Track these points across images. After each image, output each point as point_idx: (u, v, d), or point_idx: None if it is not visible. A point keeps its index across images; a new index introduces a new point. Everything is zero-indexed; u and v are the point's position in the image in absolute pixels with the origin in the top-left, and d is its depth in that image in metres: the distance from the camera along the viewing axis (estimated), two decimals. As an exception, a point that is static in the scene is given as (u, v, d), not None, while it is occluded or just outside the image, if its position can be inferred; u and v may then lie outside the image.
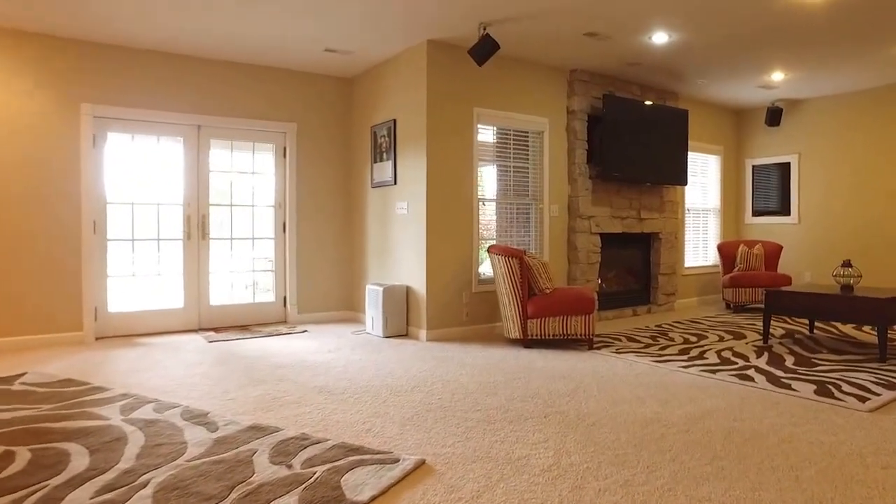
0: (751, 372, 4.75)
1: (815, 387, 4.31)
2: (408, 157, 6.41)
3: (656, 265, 8.22)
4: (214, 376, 4.70)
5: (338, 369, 4.94)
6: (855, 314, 5.33)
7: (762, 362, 5.10)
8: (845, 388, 4.28)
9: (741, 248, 8.52)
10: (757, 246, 8.56)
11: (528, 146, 6.98)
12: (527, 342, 5.73)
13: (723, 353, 5.44)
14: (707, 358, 5.27)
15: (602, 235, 7.54)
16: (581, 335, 5.64)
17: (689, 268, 8.99)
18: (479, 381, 4.56)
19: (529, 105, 6.92)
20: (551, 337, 5.65)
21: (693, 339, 6.16)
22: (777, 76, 7.62)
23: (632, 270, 8.17)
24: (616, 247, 7.89)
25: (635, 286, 8.19)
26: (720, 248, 8.69)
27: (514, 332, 5.72)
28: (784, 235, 9.35)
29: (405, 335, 6.41)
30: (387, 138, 6.75)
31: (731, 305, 8.29)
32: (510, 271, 5.65)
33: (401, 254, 6.55)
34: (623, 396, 4.12)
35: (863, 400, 3.97)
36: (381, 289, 6.26)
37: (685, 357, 5.30)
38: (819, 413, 3.73)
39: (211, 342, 6.09)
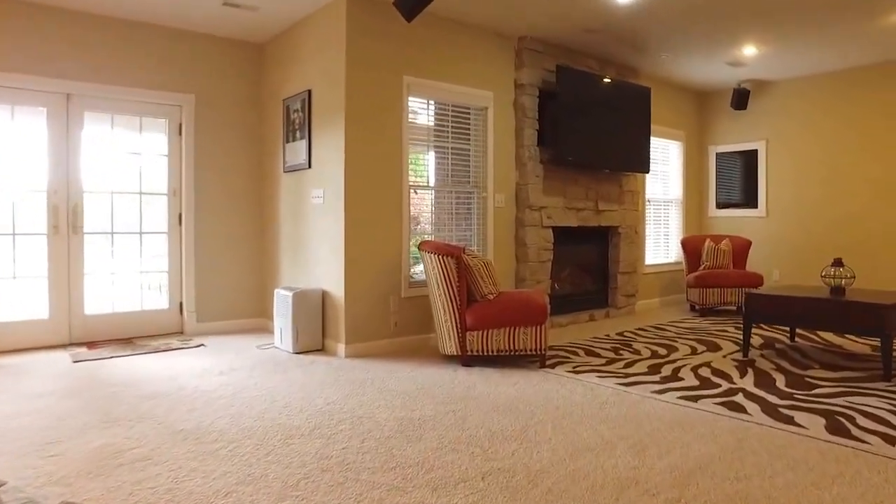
0: (739, 398, 3.87)
1: (823, 420, 3.44)
2: (324, 135, 5.34)
3: (615, 263, 7.36)
4: (55, 414, 3.57)
5: (222, 401, 3.86)
6: (853, 323, 4.52)
7: (749, 383, 4.24)
8: (861, 421, 3.42)
9: (707, 243, 7.73)
10: (724, 241, 7.78)
11: (469, 125, 6.00)
12: (466, 359, 4.75)
13: (700, 371, 4.57)
14: (683, 378, 4.38)
15: (555, 229, 6.62)
16: (531, 350, 4.69)
17: (650, 265, 8.17)
18: (401, 416, 3.55)
19: (471, 76, 5.93)
20: (496, 352, 4.68)
21: (662, 351, 5.29)
22: (749, 50, 6.82)
23: (588, 269, 7.29)
24: (571, 242, 7.00)
25: (592, 287, 7.32)
26: (684, 244, 7.90)
27: (451, 348, 4.73)
28: (750, 230, 8.63)
29: (321, 350, 5.35)
30: (300, 113, 5.67)
31: (697, 308, 7.51)
32: (445, 273, 4.66)
33: (317, 251, 5.48)
34: (586, 440, 3.16)
35: (891, 441, 3.11)
36: (290, 294, 5.19)
37: (657, 377, 4.40)
38: (842, 464, 2.84)
39: (77, 362, 4.92)
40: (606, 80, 6.73)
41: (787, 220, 8.26)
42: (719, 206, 8.99)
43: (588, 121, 6.54)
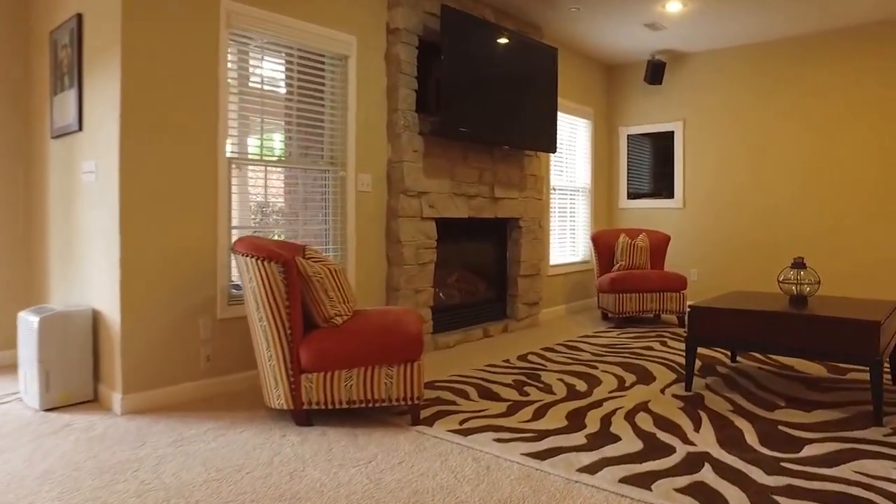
0: (708, 475, 2.56)
1: (854, 524, 2.19)
2: (99, 82, 3.65)
3: (515, 264, 6.04)
4: None
5: None
6: (835, 347, 3.36)
7: (710, 440, 2.96)
8: (909, 522, 2.20)
9: (622, 239, 6.57)
10: (641, 236, 6.65)
11: (323, 79, 4.46)
12: (301, 415, 3.21)
13: (639, 421, 3.26)
14: (618, 437, 3.04)
15: (439, 222, 5.21)
16: (399, 399, 3.22)
17: (556, 266, 6.93)
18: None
19: (325, 11, 4.40)
20: (346, 404, 3.18)
21: (581, 385, 3.97)
22: (673, 6, 5.67)
23: (482, 272, 5.93)
24: (460, 238, 5.61)
25: (487, 295, 5.96)
26: (595, 240, 6.70)
27: (279, 398, 3.19)
28: (665, 223, 7.58)
29: (93, 401, 3.66)
30: (69, 49, 3.94)
31: (612, 316, 6.32)
32: (268, 287, 3.11)
33: (88, 253, 3.78)
34: None
35: None
36: (36, 319, 3.46)
37: (582, 436, 3.04)
38: None
39: None
40: (506, 31, 5.37)
41: (706, 211, 7.26)
42: (631, 196, 7.90)
43: (482, 83, 5.16)
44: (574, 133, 7.31)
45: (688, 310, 4.01)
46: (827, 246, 6.45)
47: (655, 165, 7.73)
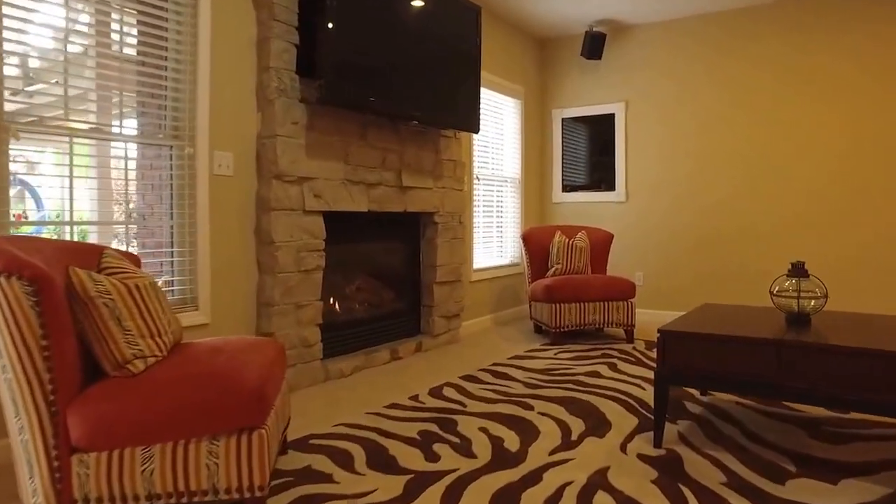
0: None
1: None
2: None
3: (431, 268, 5.00)
4: None
5: None
6: (873, 393, 2.45)
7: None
8: None
9: (557, 237, 5.63)
10: (580, 235, 5.73)
11: (165, 19, 3.30)
12: (85, 511, 2.09)
13: (594, 505, 2.28)
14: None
15: (330, 217, 4.12)
16: (233, 490, 2.11)
17: (480, 270, 5.94)
18: None
19: (160, -73, 3.24)
20: (146, 501, 2.07)
21: (511, 439, 2.95)
22: (618, -44, 4.76)
23: (390, 279, 4.87)
24: (360, 238, 4.53)
25: (396, 306, 4.90)
26: (527, 239, 5.74)
27: (35, 493, 2.04)
28: (606, 219, 6.71)
29: None
30: None
31: (547, 330, 5.37)
32: (10, 317, 1.96)
33: None
34: None
35: None
36: None
37: (511, 538, 2.05)
38: None
39: None
40: (413, -22, 4.33)
41: (652, 205, 6.42)
42: (567, 188, 6.99)
43: (385, 40, 4.09)
44: (501, 114, 6.34)
45: (657, 335, 3.06)
46: (789, 240, 5.69)
47: (594, 153, 6.85)
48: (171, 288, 3.36)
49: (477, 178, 5.84)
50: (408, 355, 4.69)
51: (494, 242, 6.24)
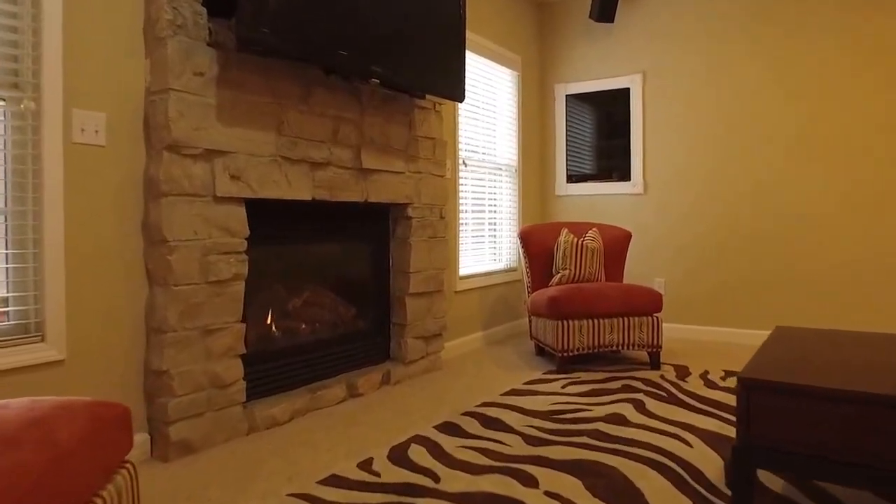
0: None
1: None
2: None
3: (403, 276, 3.95)
4: None
5: None
6: None
7: None
8: None
9: (564, 236, 4.59)
10: (591, 233, 4.69)
11: (-15, -87, 2.27)
12: None
13: None
14: None
15: (254, 206, 3.08)
16: None
17: (468, 277, 4.90)
18: None
19: None
20: None
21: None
22: None
23: (348, 290, 3.82)
24: (306, 236, 3.47)
25: (357, 325, 3.85)
26: (526, 238, 4.71)
27: None
28: (620, 215, 5.68)
29: None
30: None
31: (552, 353, 4.33)
32: None
33: None
34: None
35: None
36: None
37: None
38: None
39: None
40: None
41: (674, 197, 5.39)
42: (572, 178, 5.96)
43: (332, -33, 3.06)
44: (494, 87, 5.30)
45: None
46: (844, 236, 4.67)
47: (604, 136, 5.83)
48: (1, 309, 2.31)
49: (463, 163, 4.80)
50: (370, 390, 3.64)
51: (486, 243, 5.20)
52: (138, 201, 2.64)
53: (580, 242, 4.53)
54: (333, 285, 3.71)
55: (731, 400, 3.39)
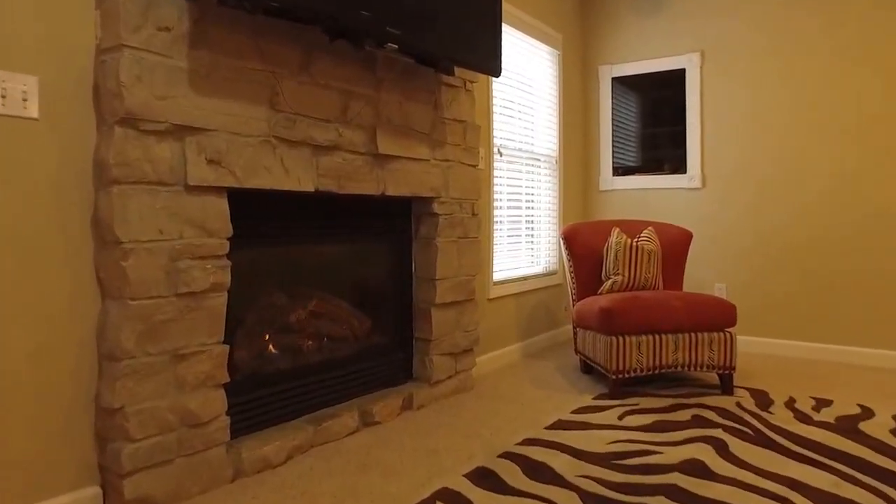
0: None
1: None
2: None
3: (428, 284, 3.31)
4: None
5: None
6: None
7: None
8: None
9: (615, 236, 3.92)
10: (646, 233, 4.01)
11: None
12: None
13: None
14: None
15: (245, 197, 2.47)
16: None
17: (502, 282, 4.25)
18: None
19: None
20: None
21: None
22: None
23: (363, 299, 3.19)
24: (309, 235, 2.85)
25: (373, 340, 3.21)
26: (570, 238, 4.04)
27: None
28: (673, 212, 4.99)
29: None
30: None
31: (600, 370, 3.65)
32: None
33: None
34: None
35: None
36: None
37: None
38: None
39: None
40: None
41: (737, 192, 4.68)
42: (619, 171, 5.28)
43: None
44: (532, 67, 4.64)
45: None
46: (954, 246, 3.93)
47: (655, 124, 5.13)
48: None
49: (499, 151, 4.15)
50: (389, 418, 3.01)
51: (523, 243, 4.54)
52: (87, 192, 2.04)
53: (634, 244, 3.85)
54: (345, 293, 3.09)
55: (835, 441, 2.70)
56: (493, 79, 4.02)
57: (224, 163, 2.23)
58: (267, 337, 2.74)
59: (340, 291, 3.07)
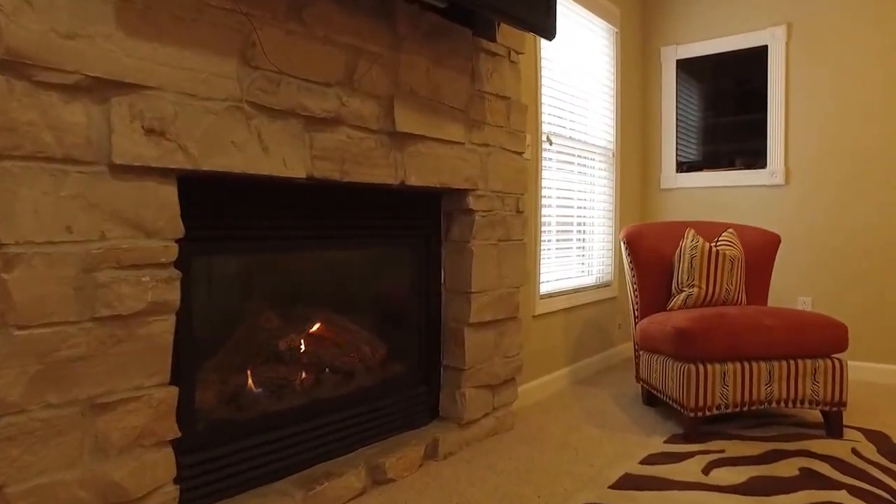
0: None
1: None
2: None
3: (461, 298, 2.60)
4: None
5: None
6: None
7: None
8: None
9: (691, 239, 3.16)
10: (726, 235, 3.24)
11: None
12: None
13: None
14: None
15: (206, 183, 1.81)
16: None
17: (550, 296, 3.51)
18: None
19: None
20: None
21: None
22: None
23: (377, 316, 2.51)
24: (307, 236, 2.17)
25: (390, 371, 2.51)
26: (633, 241, 3.28)
27: None
28: (750, 214, 4.20)
29: None
30: None
31: (671, 404, 2.91)
32: None
33: None
34: None
35: None
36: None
37: None
38: None
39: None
40: None
41: (827, 191, 3.88)
42: (684, 166, 4.50)
43: None
44: (587, 45, 3.90)
45: None
46: None
47: (727, 112, 4.34)
48: None
49: (548, 139, 3.43)
50: (407, 472, 2.31)
51: (574, 249, 3.81)
52: (-38, 170, 1.39)
53: (712, 250, 3.09)
54: (355, 312, 2.41)
55: None
56: (543, 56, 3.30)
57: (171, 134, 1.56)
58: (248, 371, 2.07)
59: (348, 310, 2.38)
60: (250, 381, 2.06)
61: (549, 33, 2.51)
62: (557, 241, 3.59)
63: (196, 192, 1.73)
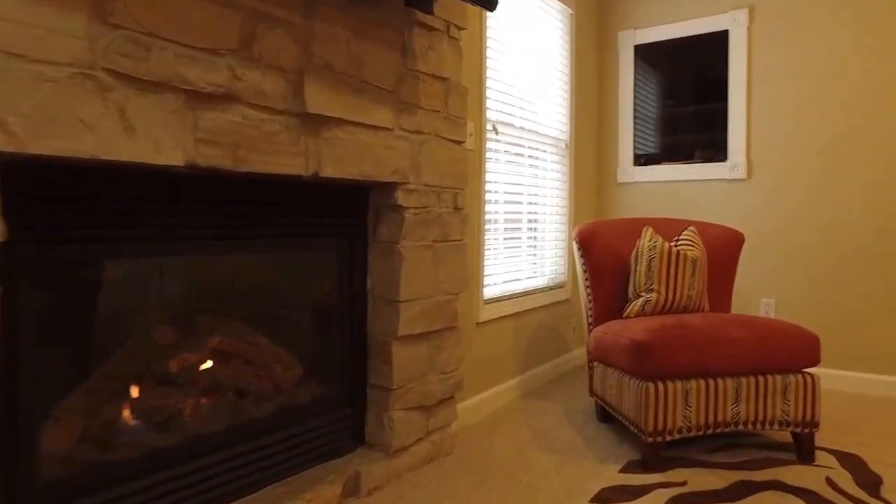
0: None
1: None
2: None
3: (388, 306, 2.27)
4: None
5: None
6: None
7: None
8: None
9: (648, 239, 2.88)
10: (687, 233, 2.98)
11: None
12: None
13: None
14: None
15: (45, 171, 1.44)
16: None
17: (496, 300, 3.21)
18: None
19: None
20: None
21: None
22: None
23: (290, 331, 2.16)
24: (195, 237, 1.81)
25: (306, 392, 2.16)
26: (586, 241, 2.99)
27: None
28: (709, 210, 3.96)
29: None
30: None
31: (627, 426, 2.62)
32: None
33: None
34: None
35: None
36: None
37: None
38: None
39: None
40: None
41: (791, 186, 3.67)
42: (642, 159, 4.25)
43: None
44: (538, 27, 3.59)
45: None
46: None
47: (689, 100, 4.10)
48: None
49: (493, 127, 3.11)
50: (325, 512, 1.98)
51: (523, 248, 3.50)
52: None
53: (674, 250, 2.82)
54: (265, 324, 2.06)
55: None
56: (490, 36, 2.99)
57: (-15, 107, 1.20)
58: (125, 400, 1.70)
59: (257, 323, 2.03)
60: (126, 412, 1.70)
61: (491, 3, 2.19)
62: (505, 239, 3.29)
63: (31, 182, 1.36)
